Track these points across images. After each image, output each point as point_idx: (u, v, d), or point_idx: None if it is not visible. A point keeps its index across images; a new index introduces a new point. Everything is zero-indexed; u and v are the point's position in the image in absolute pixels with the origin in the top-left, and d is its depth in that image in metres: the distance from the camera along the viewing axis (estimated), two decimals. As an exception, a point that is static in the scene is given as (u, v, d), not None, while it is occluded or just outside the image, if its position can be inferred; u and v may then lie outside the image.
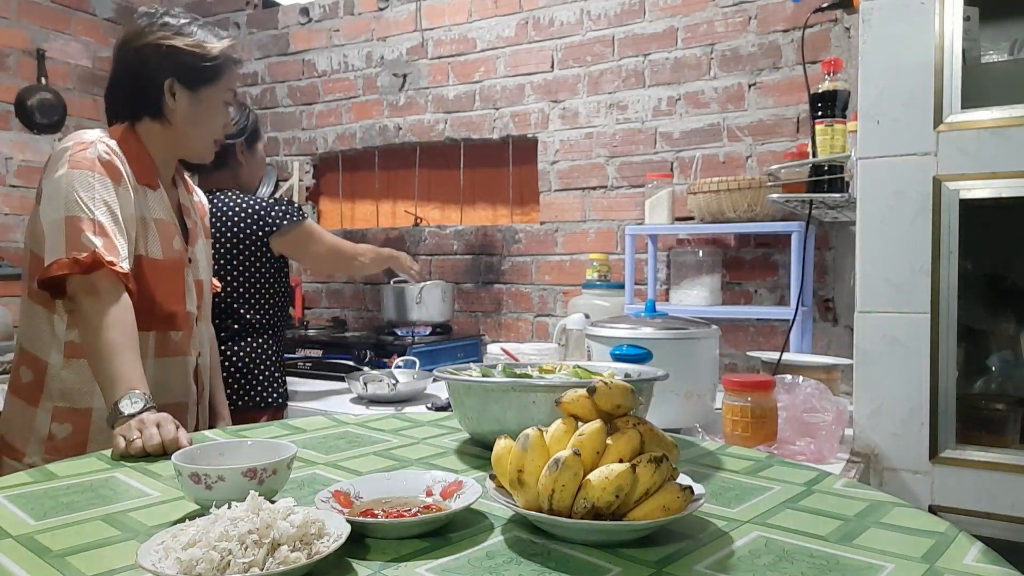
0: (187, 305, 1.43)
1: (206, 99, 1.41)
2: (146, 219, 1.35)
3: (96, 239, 1.22)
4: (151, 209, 1.37)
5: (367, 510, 0.78)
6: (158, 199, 1.39)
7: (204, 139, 1.43)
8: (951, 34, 1.41)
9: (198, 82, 1.39)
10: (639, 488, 0.71)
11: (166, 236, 1.39)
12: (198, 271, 1.48)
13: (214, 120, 1.43)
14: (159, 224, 1.38)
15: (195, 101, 1.40)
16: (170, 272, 1.39)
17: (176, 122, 1.39)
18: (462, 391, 1.08)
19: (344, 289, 3.18)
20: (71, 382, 1.31)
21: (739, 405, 1.42)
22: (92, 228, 1.22)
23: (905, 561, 0.69)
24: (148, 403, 1.13)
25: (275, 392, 1.91)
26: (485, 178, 2.93)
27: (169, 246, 1.39)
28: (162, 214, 1.39)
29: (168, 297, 1.38)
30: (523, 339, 2.73)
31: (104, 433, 1.25)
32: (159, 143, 1.40)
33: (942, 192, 1.42)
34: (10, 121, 2.98)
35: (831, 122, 1.75)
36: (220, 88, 1.42)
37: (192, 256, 1.47)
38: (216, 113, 1.43)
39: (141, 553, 0.62)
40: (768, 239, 2.30)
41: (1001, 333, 1.70)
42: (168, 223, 1.40)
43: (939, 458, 1.44)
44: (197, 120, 1.41)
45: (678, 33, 2.45)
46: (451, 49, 2.89)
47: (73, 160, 1.26)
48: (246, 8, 3.42)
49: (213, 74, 1.40)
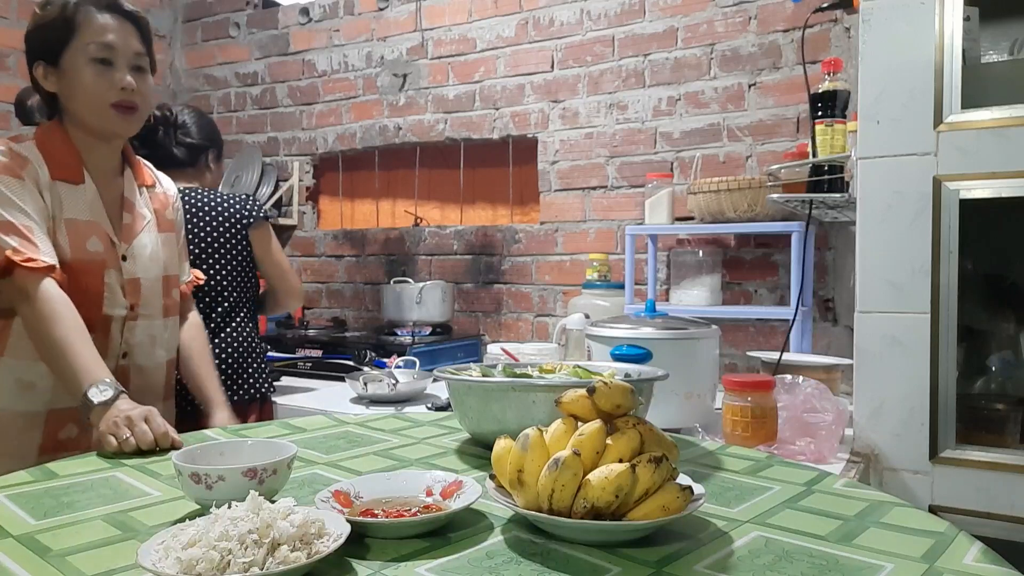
0: (104, 308, 1.32)
1: (69, 66, 1.27)
2: (56, 219, 1.27)
3: (10, 239, 1.20)
4: (63, 208, 1.28)
5: (367, 510, 0.78)
6: (78, 195, 1.30)
7: (90, 108, 1.28)
8: (951, 34, 1.41)
9: (56, 52, 1.28)
10: (639, 488, 0.71)
11: (78, 236, 1.29)
12: (135, 269, 1.37)
13: (85, 82, 1.26)
14: (69, 224, 1.28)
15: (62, 74, 1.28)
16: (79, 275, 1.27)
17: (63, 103, 1.30)
18: (462, 391, 1.08)
19: (344, 289, 3.18)
20: None
21: (739, 405, 1.42)
22: (4, 229, 1.20)
23: (905, 561, 0.69)
24: (117, 389, 1.14)
25: (264, 382, 1.92)
26: (485, 178, 2.93)
27: (81, 247, 1.29)
28: (78, 213, 1.30)
29: (78, 299, 1.25)
30: (523, 339, 2.73)
31: (8, 435, 1.26)
32: (74, 132, 1.32)
33: (942, 192, 1.41)
34: (10, 121, 2.98)
35: (831, 122, 1.75)
36: (78, 46, 1.26)
37: (128, 253, 1.36)
38: (82, 75, 1.26)
39: (141, 553, 0.62)
40: (768, 239, 2.30)
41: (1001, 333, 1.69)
42: (84, 223, 1.30)
43: (939, 458, 1.43)
44: (71, 92, 1.28)
45: (678, 33, 2.45)
46: (451, 49, 2.89)
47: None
48: (246, 8, 3.42)
49: (64, 35, 1.27)
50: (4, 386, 1.27)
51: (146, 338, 1.40)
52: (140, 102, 1.32)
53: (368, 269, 3.11)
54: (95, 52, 1.26)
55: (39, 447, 1.27)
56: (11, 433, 1.27)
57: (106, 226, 1.34)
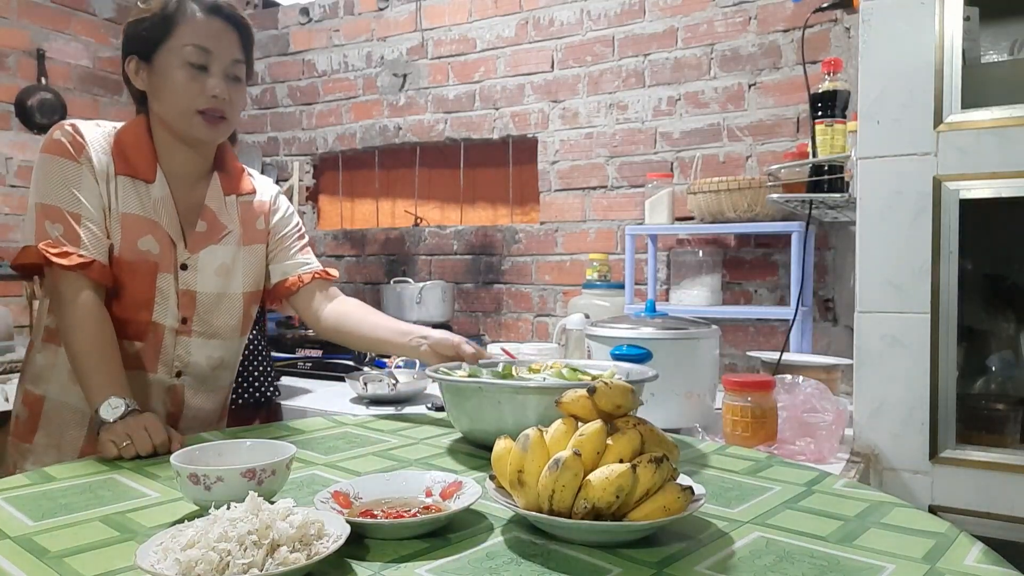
0: (155, 315, 1.24)
1: (162, 65, 1.21)
2: (112, 210, 1.22)
3: (54, 227, 1.16)
4: (121, 201, 1.22)
5: (367, 511, 0.77)
6: (143, 192, 1.24)
7: (177, 112, 1.22)
8: (951, 34, 1.40)
9: (150, 49, 1.21)
10: (639, 488, 0.71)
11: (131, 232, 1.22)
12: (194, 280, 1.28)
13: (176, 85, 1.20)
14: (125, 219, 1.22)
15: (153, 72, 1.22)
16: (128, 273, 1.22)
17: (150, 102, 1.25)
18: (450, 391, 1.11)
19: (344, 289, 3.16)
20: (39, 366, 1.27)
21: (739, 405, 1.42)
22: (51, 215, 1.17)
23: (906, 562, 0.69)
24: (129, 407, 1.10)
25: (270, 385, 1.92)
26: (485, 178, 2.93)
27: (132, 244, 1.22)
28: (138, 209, 1.23)
29: (126, 301, 1.22)
30: (523, 339, 2.73)
31: (53, 423, 1.24)
32: (158, 131, 1.27)
33: (942, 192, 1.41)
34: (10, 121, 2.98)
35: (831, 122, 1.75)
36: (173, 46, 1.19)
37: (190, 263, 1.28)
38: (174, 77, 1.20)
39: (140, 554, 0.62)
40: (768, 239, 2.30)
41: (1001, 333, 1.69)
42: (141, 219, 1.23)
43: (939, 458, 1.43)
44: (159, 92, 1.22)
45: (678, 33, 2.44)
46: (451, 49, 2.88)
47: (44, 144, 1.21)
48: (246, 8, 3.41)
49: (161, 32, 1.20)
50: (59, 376, 1.24)
51: (205, 359, 1.31)
52: (229, 112, 1.24)
53: (368, 269, 3.11)
54: (190, 55, 1.19)
55: (81, 448, 1.24)
56: (60, 424, 1.25)
57: (171, 230, 1.26)
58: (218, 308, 1.32)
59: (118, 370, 1.15)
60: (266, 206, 1.41)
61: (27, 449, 1.25)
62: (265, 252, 1.41)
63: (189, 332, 1.29)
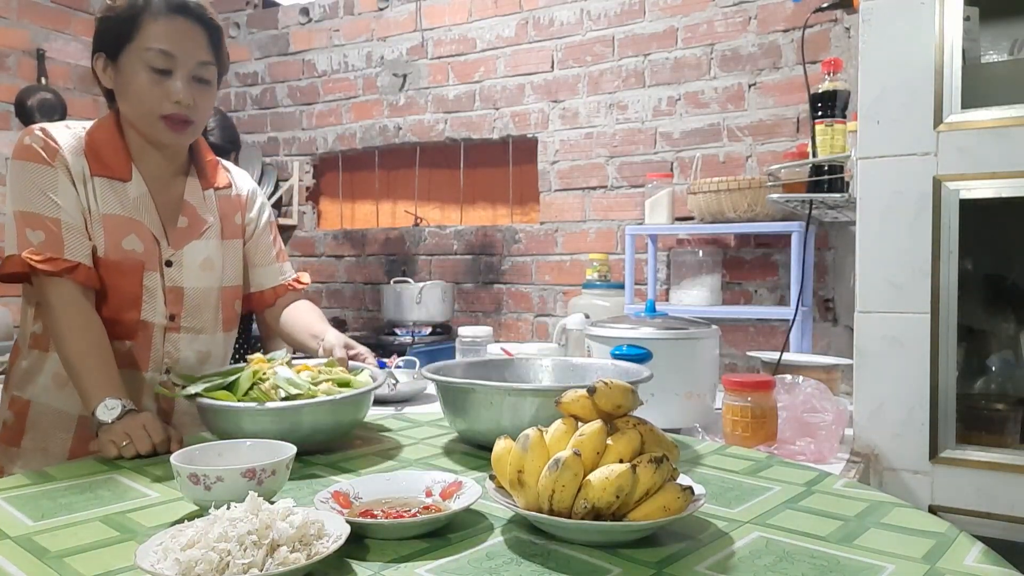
0: (143, 313, 1.24)
1: (126, 66, 1.18)
2: (92, 213, 1.20)
3: (35, 234, 1.15)
4: (100, 203, 1.21)
5: (367, 511, 0.77)
6: (121, 192, 1.23)
7: (140, 116, 1.20)
8: (951, 34, 1.40)
9: (116, 49, 1.18)
10: (639, 488, 0.71)
11: (114, 233, 1.21)
12: (180, 277, 1.27)
13: (139, 88, 1.17)
14: (106, 220, 1.21)
15: (119, 72, 1.19)
16: (114, 274, 1.21)
17: (118, 101, 1.23)
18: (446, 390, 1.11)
19: (344, 289, 3.18)
20: (25, 371, 1.27)
21: (739, 405, 1.42)
22: (31, 222, 1.16)
23: (906, 562, 0.69)
24: (125, 407, 1.10)
25: None
26: (485, 178, 2.93)
27: (116, 244, 1.21)
28: (118, 209, 1.22)
29: (114, 301, 1.21)
30: (523, 339, 2.73)
31: (40, 427, 1.25)
32: (128, 130, 1.25)
33: (942, 192, 1.41)
34: (10, 121, 2.98)
35: (831, 122, 1.75)
36: (137, 47, 1.16)
37: (175, 259, 1.27)
38: (137, 80, 1.17)
39: (140, 554, 0.62)
40: (768, 239, 2.30)
41: (1001, 333, 1.69)
42: (123, 219, 1.22)
43: (939, 458, 1.43)
44: (124, 94, 1.20)
45: (678, 33, 2.44)
46: (451, 49, 2.88)
47: (15, 150, 1.20)
48: (246, 8, 3.41)
49: (126, 31, 1.17)
50: (44, 379, 1.25)
51: (193, 353, 1.31)
52: (194, 116, 1.22)
53: (368, 269, 3.11)
54: (152, 59, 1.16)
55: (69, 450, 1.25)
56: (46, 428, 1.25)
57: (153, 227, 1.25)
58: (205, 303, 1.32)
59: (112, 371, 1.15)
60: (243, 200, 1.41)
61: (15, 453, 1.25)
62: (243, 248, 1.41)
63: (177, 328, 1.28)
